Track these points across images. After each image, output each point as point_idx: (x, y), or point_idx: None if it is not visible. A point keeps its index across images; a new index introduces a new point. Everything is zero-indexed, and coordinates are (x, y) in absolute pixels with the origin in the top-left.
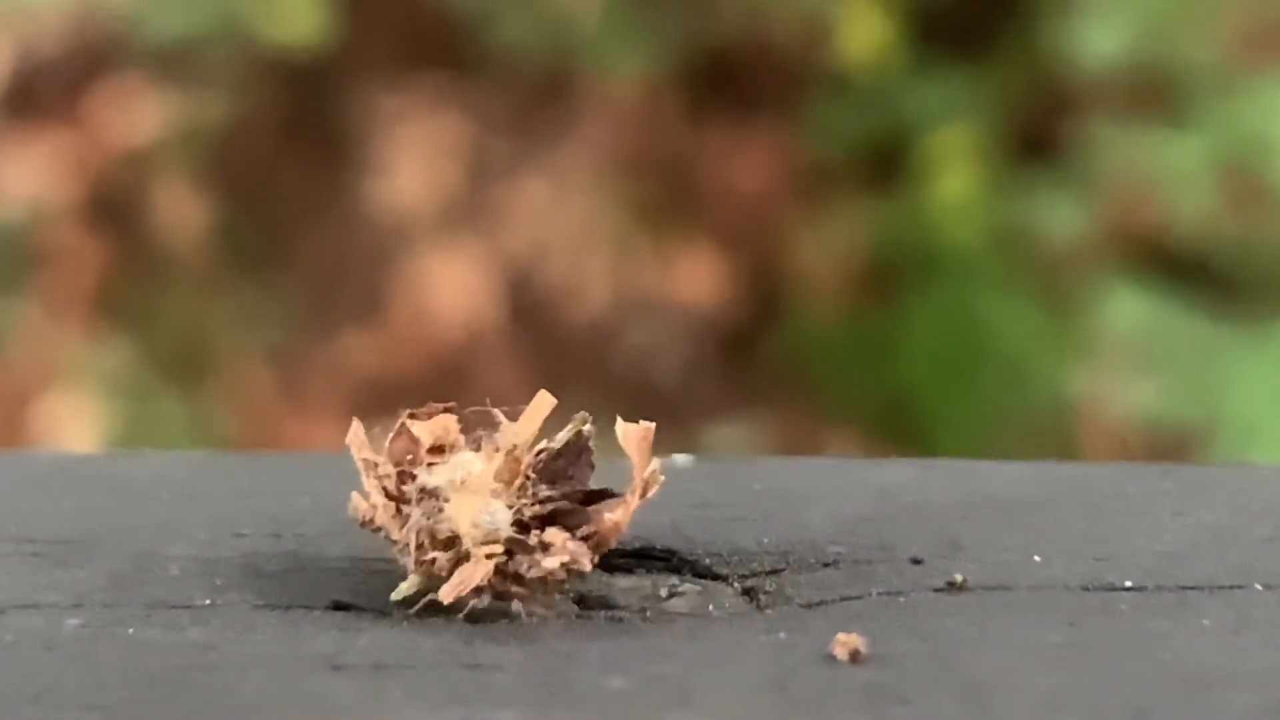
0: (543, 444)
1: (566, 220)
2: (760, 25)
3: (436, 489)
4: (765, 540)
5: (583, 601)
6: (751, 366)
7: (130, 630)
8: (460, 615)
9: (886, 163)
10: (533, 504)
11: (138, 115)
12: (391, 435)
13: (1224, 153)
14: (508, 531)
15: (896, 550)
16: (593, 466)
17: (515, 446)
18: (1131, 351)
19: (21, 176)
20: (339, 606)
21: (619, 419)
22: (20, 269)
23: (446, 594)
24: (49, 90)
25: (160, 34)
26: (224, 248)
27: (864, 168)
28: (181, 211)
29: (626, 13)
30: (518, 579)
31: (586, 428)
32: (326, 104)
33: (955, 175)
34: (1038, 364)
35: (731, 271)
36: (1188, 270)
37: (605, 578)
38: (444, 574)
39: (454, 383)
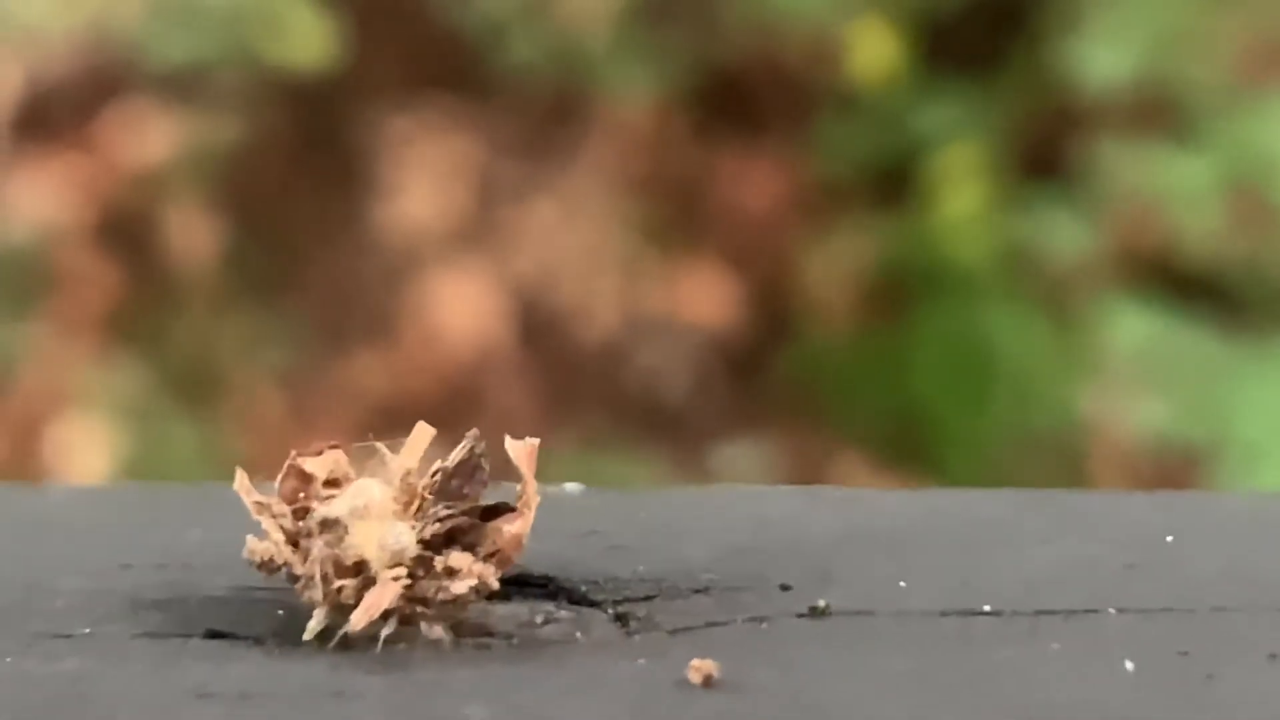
0: (436, 464)
1: (576, 241)
2: (768, 45)
3: (337, 519)
4: (641, 568)
5: (458, 628)
6: (760, 386)
7: (8, 660)
8: (373, 645)
9: (894, 181)
10: (431, 523)
11: (148, 138)
12: (280, 476)
13: (1230, 171)
14: (414, 551)
15: (768, 578)
16: (485, 483)
17: (409, 471)
18: (1138, 370)
19: (32, 200)
20: (214, 634)
21: (507, 437)
22: (31, 292)
23: (358, 619)
24: (60, 114)
25: (169, 57)
26: (234, 270)
27: (872, 186)
28: (192, 234)
29: (635, 34)
30: (424, 602)
31: (478, 445)
32: (336, 126)
33: (962, 194)
34: (1045, 382)
35: (740, 291)
36: (1194, 289)
37: (482, 604)
38: (351, 601)
39: (464, 404)
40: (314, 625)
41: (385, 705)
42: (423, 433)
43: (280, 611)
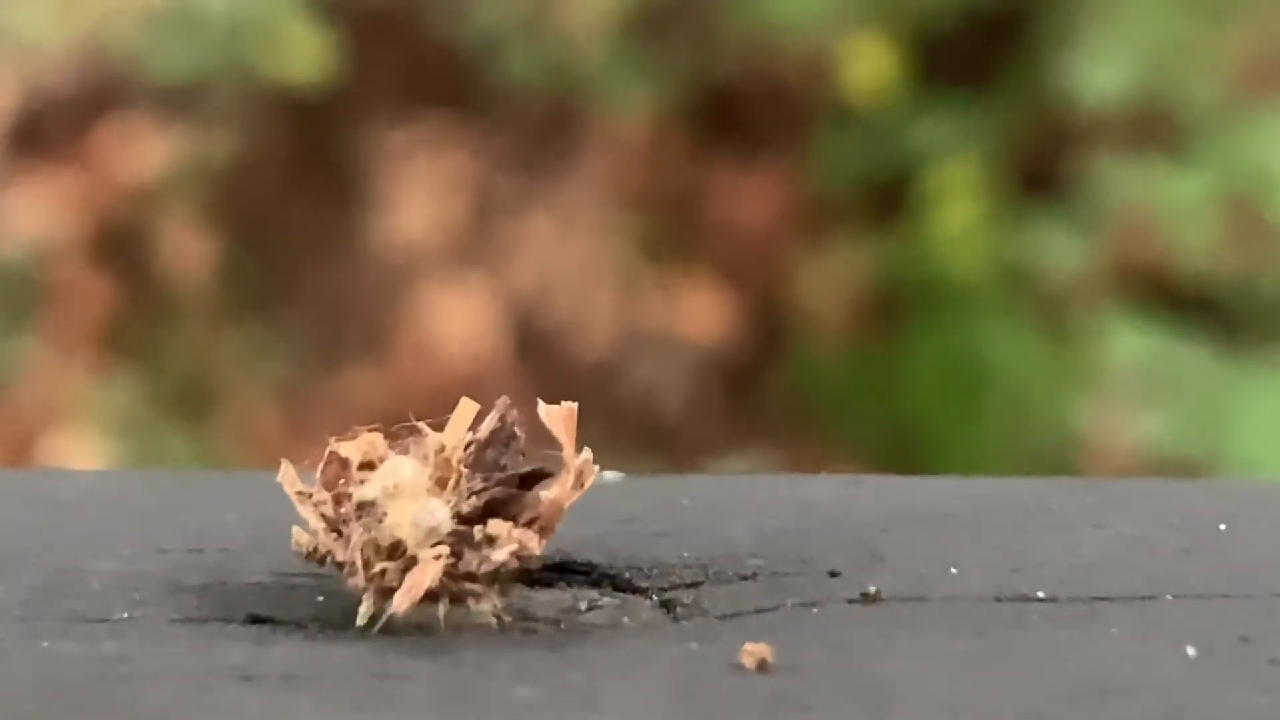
0: (469, 437)
1: (572, 256)
2: (765, 60)
3: (372, 501)
4: (686, 554)
5: (502, 610)
6: (756, 400)
7: (45, 643)
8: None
9: (890, 197)
10: (469, 497)
11: (144, 153)
12: (322, 464)
13: (1226, 187)
14: (449, 526)
15: (815, 563)
16: (522, 453)
17: (443, 447)
18: (1135, 385)
19: (28, 214)
20: (255, 620)
21: (540, 401)
22: (27, 306)
23: (400, 602)
24: (56, 128)
25: (166, 72)
26: (230, 284)
27: (868, 202)
28: (188, 248)
29: (632, 49)
30: (469, 577)
31: (509, 414)
32: (332, 141)
33: (959, 209)
34: (1042, 397)
35: (736, 306)
36: (1191, 304)
37: (524, 591)
38: (395, 584)
39: None
40: (364, 611)
41: (433, 687)
42: (467, 408)
43: (320, 597)
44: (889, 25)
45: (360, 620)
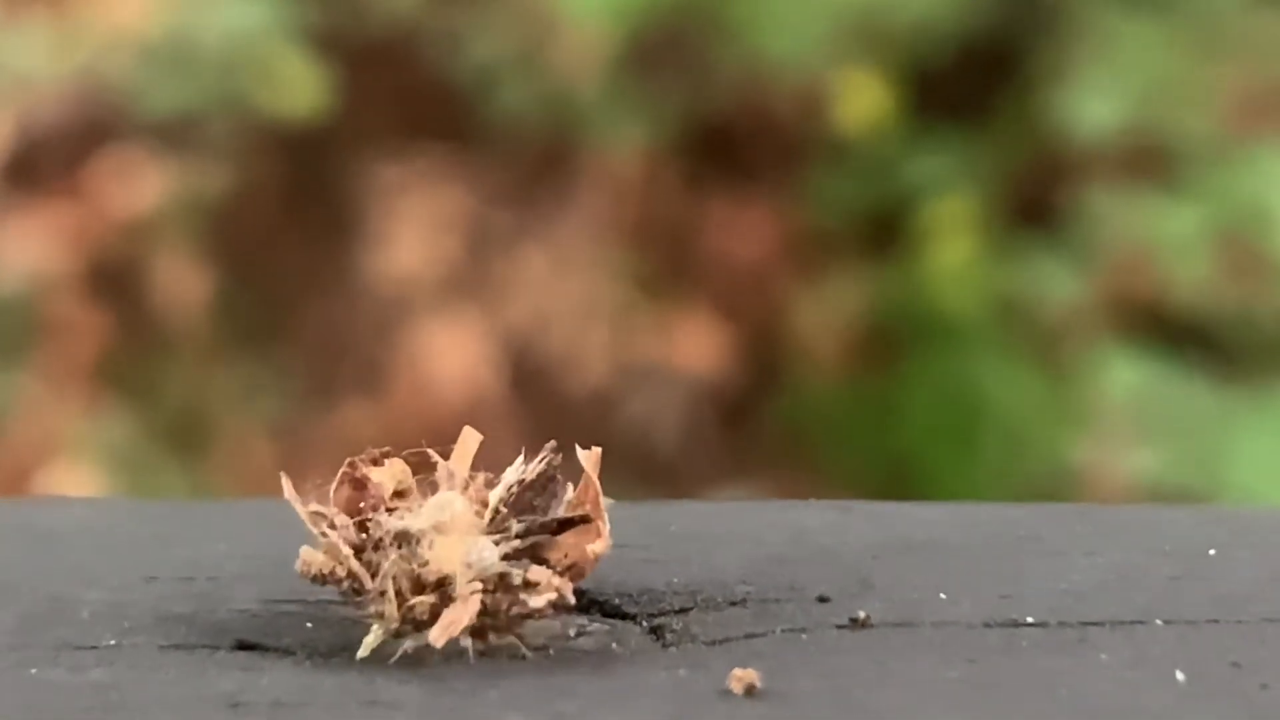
0: (515, 478)
1: (566, 290)
2: (759, 95)
3: (415, 532)
4: (675, 580)
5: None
6: (751, 434)
7: (34, 671)
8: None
9: (885, 230)
10: (509, 538)
11: (138, 187)
12: (335, 485)
13: (1221, 221)
14: (499, 568)
15: (805, 590)
16: (556, 496)
17: (481, 484)
18: (1130, 419)
19: (22, 248)
20: (244, 647)
21: (577, 446)
22: (20, 341)
23: (438, 636)
24: (49, 162)
25: (160, 106)
26: (224, 319)
27: (862, 236)
28: (182, 283)
29: (626, 83)
30: (494, 615)
31: (555, 459)
32: (326, 175)
33: (953, 243)
34: (1037, 431)
35: (731, 340)
36: (1186, 337)
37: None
38: (425, 618)
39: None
40: (370, 641)
41: (422, 714)
42: (470, 438)
43: (309, 624)
44: (883, 59)
45: (363, 651)
